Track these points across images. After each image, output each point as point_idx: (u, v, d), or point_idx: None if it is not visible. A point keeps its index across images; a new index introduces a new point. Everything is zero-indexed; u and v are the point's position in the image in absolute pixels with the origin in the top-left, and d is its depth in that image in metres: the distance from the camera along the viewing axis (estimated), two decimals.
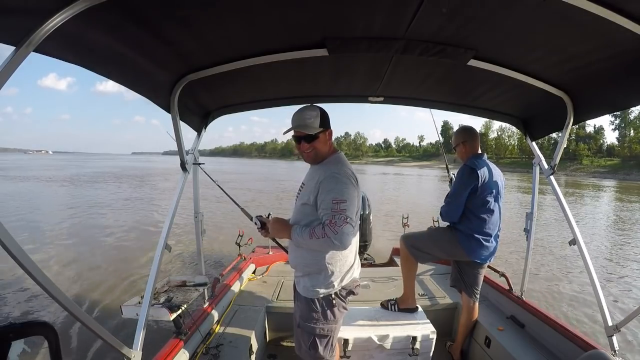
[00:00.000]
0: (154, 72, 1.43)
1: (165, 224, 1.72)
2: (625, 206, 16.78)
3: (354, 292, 1.53)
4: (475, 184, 1.98)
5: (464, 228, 2.06)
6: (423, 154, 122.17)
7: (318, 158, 1.47)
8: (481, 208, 2.02)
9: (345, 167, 1.42)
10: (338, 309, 1.48)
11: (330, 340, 1.49)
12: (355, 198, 1.35)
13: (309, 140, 1.43)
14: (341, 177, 1.35)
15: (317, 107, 1.47)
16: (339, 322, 1.52)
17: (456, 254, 2.17)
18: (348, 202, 1.30)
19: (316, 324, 1.46)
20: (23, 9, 0.82)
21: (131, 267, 5.71)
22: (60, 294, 1.01)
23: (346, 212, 1.28)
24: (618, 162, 60.13)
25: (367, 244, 4.46)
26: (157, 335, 3.15)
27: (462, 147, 2.14)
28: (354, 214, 1.32)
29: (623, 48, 1.18)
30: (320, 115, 1.44)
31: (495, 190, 2.03)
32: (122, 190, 17.72)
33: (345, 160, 1.49)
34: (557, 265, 6.48)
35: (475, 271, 2.17)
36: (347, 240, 1.29)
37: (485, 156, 2.11)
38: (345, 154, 1.55)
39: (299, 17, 1.18)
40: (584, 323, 4.09)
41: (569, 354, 1.79)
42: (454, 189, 2.09)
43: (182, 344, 1.77)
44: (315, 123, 1.42)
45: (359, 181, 1.45)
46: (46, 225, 8.86)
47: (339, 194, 1.31)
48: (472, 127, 2.24)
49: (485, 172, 2.00)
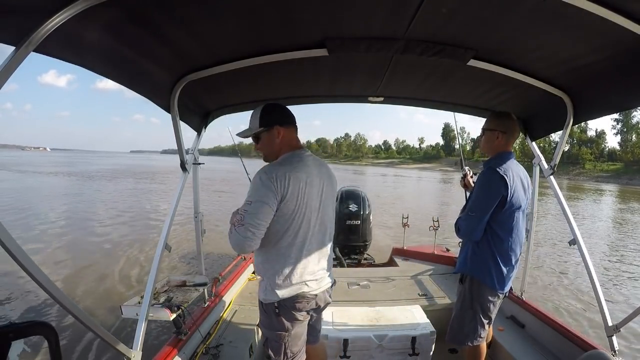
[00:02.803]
0: (154, 72, 1.43)
1: (165, 224, 1.72)
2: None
3: (299, 308, 1.36)
4: (504, 196, 1.57)
5: (484, 249, 1.67)
6: (424, 156, 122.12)
7: (269, 158, 1.41)
8: (505, 225, 1.63)
9: (279, 166, 1.30)
10: (285, 318, 1.36)
11: (281, 348, 1.39)
12: (262, 197, 1.23)
13: (255, 141, 1.42)
14: (257, 178, 1.26)
15: (265, 104, 1.39)
16: (292, 331, 1.38)
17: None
18: (253, 204, 1.22)
19: (265, 327, 1.44)
20: (23, 9, 0.82)
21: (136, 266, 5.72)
22: (60, 294, 1.01)
23: (245, 216, 1.21)
24: (621, 166, 59.84)
25: (367, 244, 4.47)
26: (157, 335, 3.17)
27: (500, 137, 1.69)
28: (252, 217, 1.21)
29: (623, 48, 1.18)
30: (260, 113, 1.35)
31: (523, 204, 1.65)
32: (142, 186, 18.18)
33: (295, 159, 1.34)
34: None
35: (490, 302, 1.70)
36: (239, 243, 1.22)
37: (514, 156, 1.72)
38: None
39: (299, 17, 1.18)
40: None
41: (569, 354, 1.78)
42: (478, 201, 1.65)
43: (182, 344, 1.77)
44: (255, 123, 1.36)
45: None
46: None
47: (248, 195, 1.27)
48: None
49: (516, 181, 1.61)
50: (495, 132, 1.69)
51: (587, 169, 63.27)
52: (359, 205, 4.36)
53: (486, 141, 1.74)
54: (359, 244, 4.38)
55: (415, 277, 3.14)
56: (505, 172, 1.58)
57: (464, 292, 1.75)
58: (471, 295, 1.72)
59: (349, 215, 4.29)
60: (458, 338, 1.77)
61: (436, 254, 3.62)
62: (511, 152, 1.72)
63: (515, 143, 1.80)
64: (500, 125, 1.70)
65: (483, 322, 1.71)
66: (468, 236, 1.70)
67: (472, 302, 1.72)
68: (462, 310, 1.76)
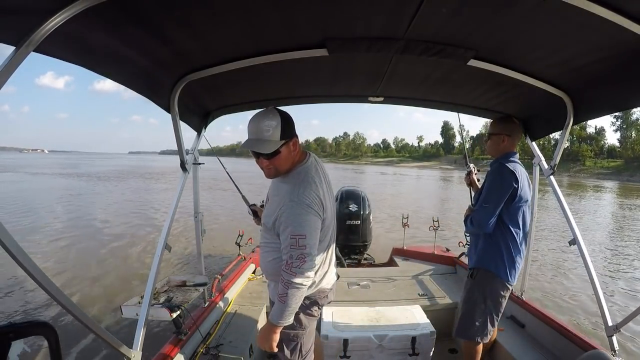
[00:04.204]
0: (154, 72, 1.43)
1: (165, 224, 1.73)
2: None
3: (320, 302, 1.44)
4: (515, 188, 1.68)
5: (497, 242, 1.74)
6: (423, 154, 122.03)
7: (281, 173, 1.33)
8: (515, 218, 1.73)
9: (309, 188, 1.27)
10: (304, 315, 1.42)
11: (297, 346, 1.44)
12: (316, 228, 1.25)
13: (268, 156, 1.27)
14: (300, 207, 1.22)
15: (278, 113, 1.28)
16: (308, 329, 1.45)
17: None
18: (307, 237, 1.21)
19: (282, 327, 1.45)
20: (23, 9, 0.82)
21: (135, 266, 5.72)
22: (60, 294, 1.01)
23: (305, 249, 1.20)
24: (621, 163, 59.85)
25: (367, 244, 4.48)
26: (157, 335, 3.17)
27: (506, 140, 1.82)
28: (314, 247, 1.24)
29: (623, 48, 1.18)
30: (282, 124, 1.25)
31: (528, 200, 1.77)
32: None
33: (312, 173, 1.33)
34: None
35: (502, 296, 1.77)
36: (311, 275, 1.23)
37: (517, 156, 1.83)
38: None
39: (299, 17, 1.18)
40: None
41: (569, 354, 1.79)
42: (491, 192, 1.73)
43: (182, 343, 1.77)
44: (276, 135, 1.24)
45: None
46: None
47: (298, 228, 1.20)
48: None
49: (523, 176, 1.73)
50: (501, 135, 1.83)
51: (588, 166, 63.18)
52: (359, 205, 4.37)
53: (493, 145, 1.86)
54: (359, 244, 4.39)
55: (416, 277, 3.15)
56: (514, 167, 1.71)
57: (475, 287, 1.80)
58: (483, 289, 1.77)
59: (349, 215, 4.29)
60: (469, 333, 1.80)
61: (436, 254, 3.63)
62: (516, 152, 1.85)
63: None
64: (506, 129, 1.84)
65: (493, 318, 1.78)
66: (482, 227, 1.73)
67: (484, 297, 1.77)
68: (472, 305, 1.80)
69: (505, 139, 1.82)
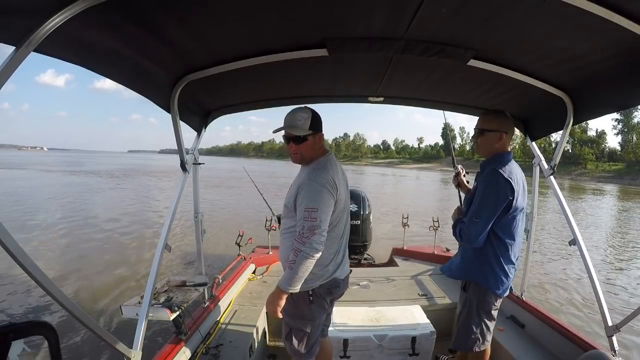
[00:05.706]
0: (154, 72, 1.43)
1: (165, 224, 1.72)
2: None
3: (333, 292, 1.53)
4: (510, 200, 1.50)
5: (488, 255, 1.61)
6: (423, 155, 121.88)
7: (305, 160, 1.50)
8: (508, 229, 1.57)
9: (326, 172, 1.42)
10: (316, 306, 1.49)
11: (306, 336, 1.51)
12: (328, 205, 1.37)
13: (297, 141, 1.45)
14: (316, 184, 1.36)
15: (310, 109, 1.48)
16: (317, 320, 1.52)
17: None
18: (319, 210, 1.33)
19: (292, 317, 1.50)
20: (23, 9, 0.82)
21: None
22: (60, 294, 1.01)
23: (316, 221, 1.31)
24: (623, 166, 59.32)
25: (367, 244, 4.46)
26: (157, 335, 3.17)
27: (505, 138, 1.60)
28: (325, 222, 1.35)
29: (623, 48, 1.18)
30: (312, 118, 1.45)
31: (523, 207, 1.58)
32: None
33: (331, 163, 1.49)
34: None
35: (494, 307, 1.68)
36: (319, 247, 1.32)
37: (512, 155, 1.64)
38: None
39: (299, 17, 1.18)
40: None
41: (569, 354, 1.78)
42: (484, 206, 1.53)
43: (182, 344, 1.77)
44: (306, 125, 1.43)
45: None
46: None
47: (311, 202, 1.34)
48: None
49: (519, 183, 1.54)
50: (499, 132, 1.59)
51: (589, 169, 62.87)
52: (359, 205, 4.36)
53: (487, 143, 1.62)
54: (359, 244, 4.37)
55: (416, 277, 3.15)
56: (510, 174, 1.50)
57: (468, 300, 1.71)
58: (477, 303, 1.68)
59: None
60: (466, 345, 1.74)
61: (436, 254, 3.63)
62: (510, 152, 1.65)
63: (515, 143, 1.79)
64: (504, 126, 1.61)
65: (489, 326, 1.71)
66: (471, 243, 1.59)
67: (478, 309, 1.68)
68: (467, 318, 1.71)
69: (503, 137, 1.59)
